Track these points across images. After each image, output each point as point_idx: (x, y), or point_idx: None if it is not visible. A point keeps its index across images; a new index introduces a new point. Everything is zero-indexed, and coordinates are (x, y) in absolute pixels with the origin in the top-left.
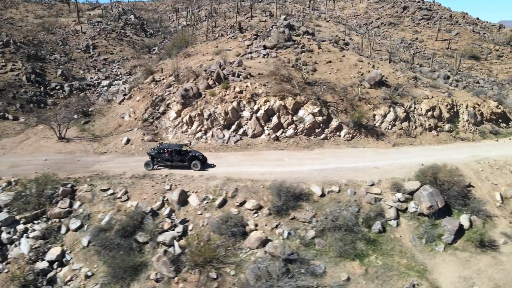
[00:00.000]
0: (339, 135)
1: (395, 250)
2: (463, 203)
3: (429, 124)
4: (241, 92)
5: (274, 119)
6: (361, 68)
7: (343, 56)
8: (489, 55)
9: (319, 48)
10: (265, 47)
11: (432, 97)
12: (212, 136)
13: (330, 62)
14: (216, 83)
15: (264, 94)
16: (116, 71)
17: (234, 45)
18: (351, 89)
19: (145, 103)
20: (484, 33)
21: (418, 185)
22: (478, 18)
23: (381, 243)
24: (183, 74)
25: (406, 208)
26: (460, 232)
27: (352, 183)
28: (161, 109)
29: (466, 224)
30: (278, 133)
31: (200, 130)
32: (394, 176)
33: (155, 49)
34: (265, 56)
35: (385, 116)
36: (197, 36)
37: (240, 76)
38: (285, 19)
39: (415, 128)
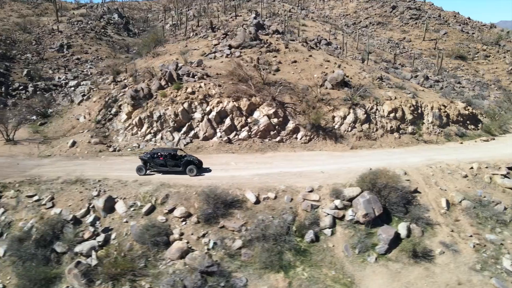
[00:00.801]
0: (296, 138)
1: (325, 261)
2: (405, 211)
3: (391, 126)
4: (193, 93)
5: (227, 121)
6: (326, 68)
7: (310, 55)
8: (476, 55)
9: (286, 47)
10: (230, 47)
11: (395, 98)
12: (162, 138)
13: (295, 62)
14: (169, 83)
15: (218, 95)
16: (87, 71)
17: (203, 45)
18: (312, 89)
19: (100, 104)
20: (474, 33)
21: (358, 191)
22: (469, 18)
23: (312, 253)
24: (141, 75)
25: (343, 216)
26: (396, 241)
27: (291, 189)
28: (113, 110)
29: (403, 233)
30: (231, 136)
31: (150, 133)
32: (337, 181)
33: (135, 49)
34: (228, 56)
35: (344, 118)
36: (177, 36)
37: (195, 77)
38: (254, 17)
39: (376, 130)
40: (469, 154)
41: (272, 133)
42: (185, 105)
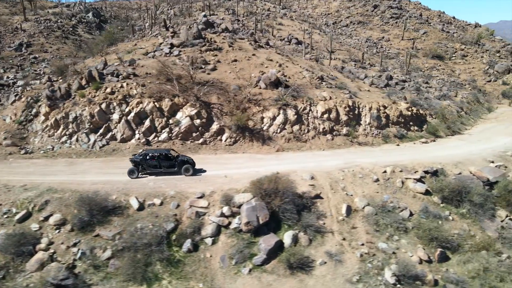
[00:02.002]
0: (221, 140)
1: (197, 273)
2: (298, 218)
3: (324, 128)
4: (112, 93)
5: (147, 122)
6: (266, 67)
7: (254, 54)
8: (453, 55)
9: (230, 46)
10: (172, 45)
11: (330, 99)
12: (77, 140)
13: (235, 61)
14: (89, 83)
15: (139, 95)
16: (41, 70)
17: (151, 44)
18: (244, 89)
19: (24, 104)
20: (455, 33)
21: (249, 197)
22: (454, 17)
23: (186, 264)
24: (69, 74)
25: (230, 224)
26: (277, 251)
27: (180, 195)
28: (34, 111)
29: (287, 242)
30: (151, 137)
31: (65, 134)
32: (235, 186)
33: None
34: (167, 55)
35: (274, 119)
36: (146, 35)
37: (120, 76)
38: (204, 15)
39: (308, 131)
40: (395, 157)
41: (194, 134)
42: (103, 105)
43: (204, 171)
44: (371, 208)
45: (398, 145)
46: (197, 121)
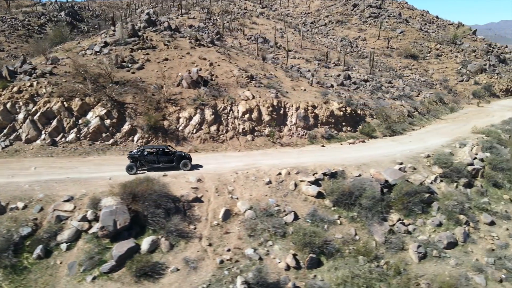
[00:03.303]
0: (133, 140)
1: (39, 281)
2: (166, 222)
3: (244, 128)
4: (20, 92)
5: (54, 123)
6: (196, 66)
7: (188, 53)
8: (428, 54)
9: (165, 44)
10: (106, 44)
11: (254, 98)
12: None
13: (167, 59)
14: None
15: (48, 94)
16: None
17: (91, 42)
18: (165, 89)
19: None
20: (434, 32)
21: (115, 201)
22: (437, 17)
23: (31, 272)
24: None
25: (90, 228)
26: (130, 258)
27: (48, 198)
28: None
29: (145, 248)
30: (57, 138)
31: None
32: (108, 189)
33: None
34: (97, 53)
35: (190, 118)
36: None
37: (33, 75)
38: (147, 13)
39: (226, 132)
40: (306, 158)
41: (104, 135)
42: (8, 105)
43: (98, 173)
44: (251, 212)
45: (323, 146)
46: (107, 121)
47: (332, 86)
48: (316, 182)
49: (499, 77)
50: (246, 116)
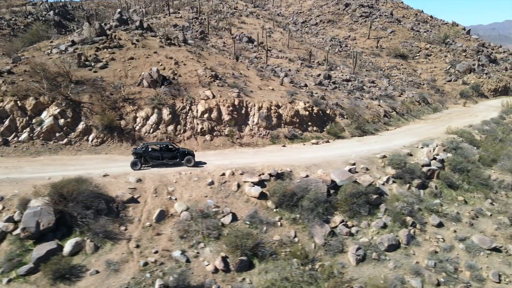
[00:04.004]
0: (87, 140)
1: None
2: (94, 223)
3: (202, 128)
4: None
5: (7, 122)
6: (161, 65)
7: (155, 52)
8: (417, 54)
9: (133, 43)
10: (73, 42)
11: (214, 98)
12: None
13: (132, 58)
14: None
15: (1, 93)
16: None
17: (63, 41)
18: (126, 88)
19: None
20: (425, 31)
21: (43, 201)
22: (431, 16)
23: None
24: None
25: (15, 229)
26: (49, 259)
27: None
28: None
29: (67, 250)
30: (10, 137)
31: None
32: (39, 190)
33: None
34: (62, 52)
35: (147, 118)
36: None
37: None
38: (119, 12)
39: (184, 132)
40: (260, 159)
41: (58, 134)
42: None
43: (41, 173)
44: (187, 213)
45: (284, 146)
46: (62, 121)
47: (306, 85)
48: (261, 183)
49: (488, 77)
50: (206, 115)
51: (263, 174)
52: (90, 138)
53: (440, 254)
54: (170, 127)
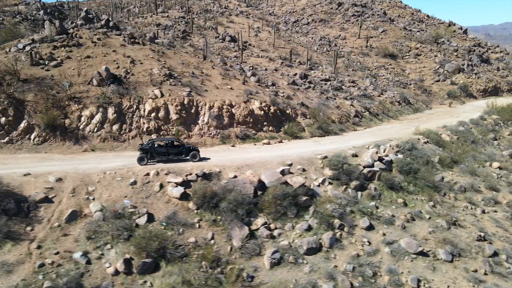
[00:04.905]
0: (29, 138)
1: None
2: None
3: (148, 127)
4: None
5: None
6: (116, 64)
7: (114, 51)
8: (407, 54)
9: (93, 42)
10: (33, 41)
11: (163, 97)
12: None
13: (88, 57)
14: None
15: None
16: None
17: (25, 40)
18: (76, 87)
19: None
20: (419, 31)
21: None
22: (428, 16)
23: None
24: None
25: None
26: None
27: None
28: None
29: None
30: None
31: None
32: None
33: None
34: (20, 51)
35: (92, 117)
36: None
37: None
38: (86, 11)
39: (130, 131)
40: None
41: None
42: None
43: None
44: (100, 214)
45: (233, 146)
46: (3, 119)
47: (273, 85)
48: (186, 184)
49: (477, 77)
50: (153, 114)
51: (190, 174)
52: (32, 137)
53: (362, 258)
54: (115, 126)
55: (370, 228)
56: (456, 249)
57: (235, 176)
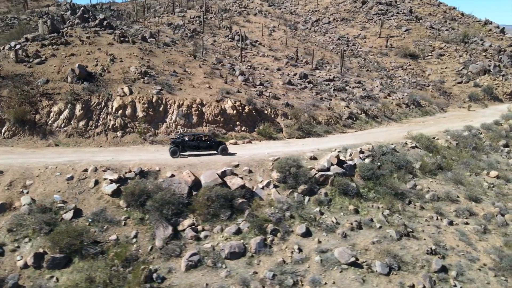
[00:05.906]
0: (0, 132)
1: None
2: None
3: (114, 124)
4: None
5: None
6: (96, 61)
7: (99, 49)
8: (429, 54)
9: (81, 40)
10: (26, 39)
11: (131, 94)
12: None
13: (73, 55)
14: None
15: None
16: None
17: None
18: (52, 83)
19: None
20: (447, 30)
21: None
22: (462, 14)
23: None
24: None
25: None
26: None
27: None
28: None
29: None
30: None
31: None
32: None
33: None
34: (11, 48)
35: (60, 113)
36: None
37: None
38: (82, 10)
39: (96, 127)
40: (143, 156)
41: None
42: None
43: None
44: (27, 207)
45: None
46: None
47: (261, 84)
48: (123, 181)
49: (504, 79)
50: (120, 112)
51: (129, 172)
52: (3, 130)
53: (288, 265)
54: (82, 123)
55: (306, 234)
56: (397, 262)
57: (173, 175)
